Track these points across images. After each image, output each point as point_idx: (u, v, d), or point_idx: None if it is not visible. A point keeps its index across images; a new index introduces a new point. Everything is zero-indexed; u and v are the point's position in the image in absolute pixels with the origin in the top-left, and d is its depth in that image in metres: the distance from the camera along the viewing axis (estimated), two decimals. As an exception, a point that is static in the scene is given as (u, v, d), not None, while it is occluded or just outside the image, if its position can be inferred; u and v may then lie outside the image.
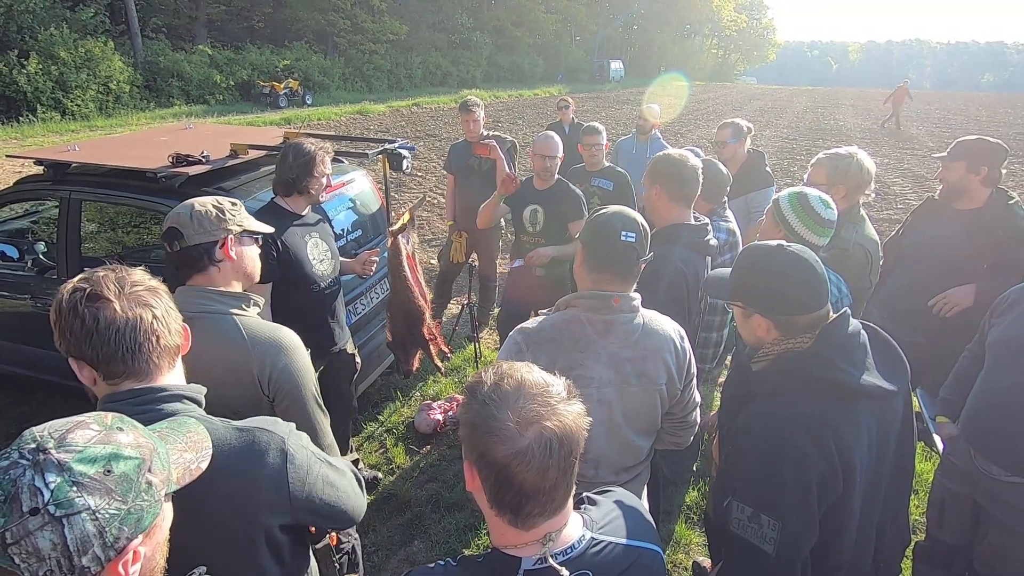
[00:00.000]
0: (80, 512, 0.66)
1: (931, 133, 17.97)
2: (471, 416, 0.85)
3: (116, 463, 0.71)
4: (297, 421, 1.57)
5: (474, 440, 0.84)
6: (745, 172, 3.53)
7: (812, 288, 1.28)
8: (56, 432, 0.71)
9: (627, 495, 1.08)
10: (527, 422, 0.81)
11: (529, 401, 0.82)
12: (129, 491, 0.71)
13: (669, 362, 1.50)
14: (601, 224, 1.49)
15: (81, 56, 16.92)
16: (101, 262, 3.35)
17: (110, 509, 0.68)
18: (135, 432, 0.77)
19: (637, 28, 52.76)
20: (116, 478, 0.70)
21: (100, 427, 0.74)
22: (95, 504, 0.67)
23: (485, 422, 0.82)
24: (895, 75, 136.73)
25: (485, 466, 0.83)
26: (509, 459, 0.80)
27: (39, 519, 0.65)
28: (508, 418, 0.81)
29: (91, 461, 0.69)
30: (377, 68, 27.74)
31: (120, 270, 1.06)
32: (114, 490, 0.69)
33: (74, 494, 0.66)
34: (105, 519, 0.68)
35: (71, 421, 0.73)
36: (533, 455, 0.79)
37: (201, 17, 24.34)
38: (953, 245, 2.51)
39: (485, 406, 0.83)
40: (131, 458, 0.73)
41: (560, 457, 0.81)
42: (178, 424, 0.89)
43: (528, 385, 0.84)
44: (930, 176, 11.11)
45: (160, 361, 1.04)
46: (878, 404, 1.27)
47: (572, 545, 0.89)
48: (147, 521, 0.73)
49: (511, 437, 0.80)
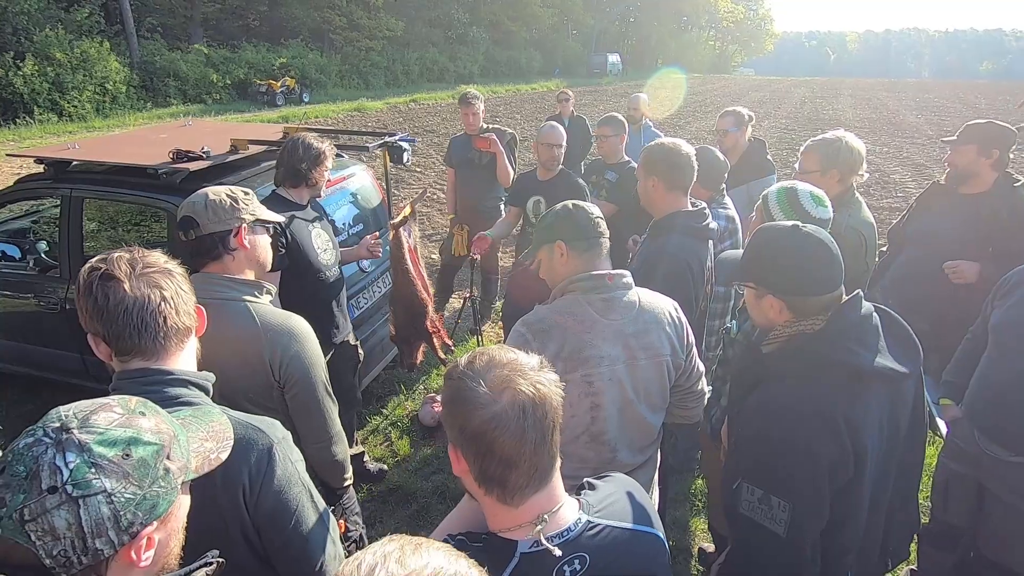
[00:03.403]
0: (97, 494, 0.67)
1: (930, 122, 17.92)
2: (448, 395, 0.88)
3: (135, 447, 0.71)
4: (307, 408, 1.59)
5: (452, 416, 0.87)
6: (747, 160, 3.52)
7: (826, 269, 1.27)
8: (81, 412, 0.71)
9: (627, 480, 1.08)
10: (500, 388, 0.84)
11: (500, 370, 0.86)
12: (146, 476, 0.71)
13: (670, 334, 1.53)
14: (569, 215, 1.55)
15: (77, 57, 16.85)
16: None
17: (126, 493, 0.69)
18: (157, 418, 0.77)
19: (634, 21, 52.57)
20: (134, 462, 0.70)
21: (123, 410, 0.74)
22: (111, 487, 0.68)
23: (460, 395, 0.85)
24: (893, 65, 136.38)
25: (465, 440, 0.85)
26: (486, 424, 0.82)
27: (57, 497, 0.65)
28: (480, 386, 0.84)
29: (111, 444, 0.70)
30: (374, 65, 27.64)
31: (137, 251, 1.08)
32: (131, 474, 0.70)
33: (92, 475, 0.67)
34: (120, 503, 0.68)
35: (96, 403, 0.74)
36: (508, 418, 0.82)
37: (196, 16, 24.24)
38: (959, 230, 2.50)
39: (460, 381, 0.86)
40: (150, 443, 0.73)
41: (536, 419, 0.83)
42: (202, 413, 0.90)
43: (497, 358, 0.88)
44: (929, 164, 11.09)
45: (167, 342, 1.06)
46: (890, 387, 1.27)
47: (568, 528, 0.90)
48: (162, 508, 0.73)
49: (485, 403, 0.83)
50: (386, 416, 3.66)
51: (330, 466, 1.69)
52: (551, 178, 3.23)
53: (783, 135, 14.71)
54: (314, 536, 1.12)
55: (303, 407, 1.57)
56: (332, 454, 1.67)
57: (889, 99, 25.65)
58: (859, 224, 2.30)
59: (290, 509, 1.08)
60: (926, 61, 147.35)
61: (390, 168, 3.44)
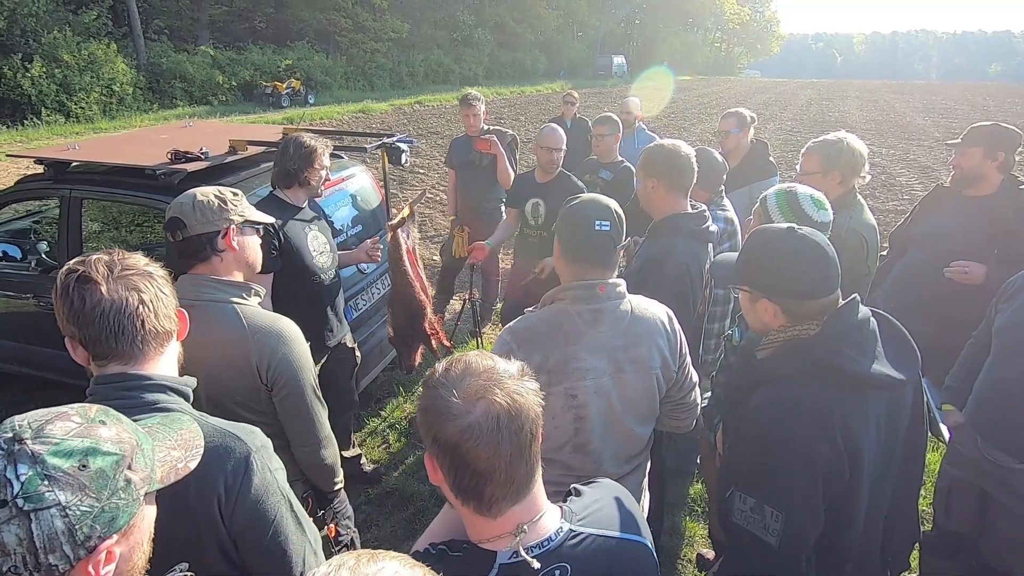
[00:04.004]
0: (50, 507, 0.63)
1: (937, 124, 17.81)
2: (422, 403, 0.86)
3: (93, 458, 0.68)
4: (295, 411, 1.57)
5: (427, 425, 0.84)
6: (749, 162, 3.49)
7: (822, 272, 1.24)
8: (35, 422, 0.68)
9: (614, 486, 1.06)
10: (474, 397, 0.81)
11: (475, 378, 0.83)
12: (104, 488, 0.68)
13: (662, 345, 1.48)
14: (574, 215, 1.46)
15: (84, 59, 16.98)
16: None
17: (82, 506, 0.65)
18: (119, 426, 0.74)
19: (639, 23, 52.51)
20: (91, 474, 0.67)
21: (82, 419, 0.71)
22: (65, 500, 0.64)
23: (434, 404, 0.83)
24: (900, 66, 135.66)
25: (441, 450, 0.83)
26: (459, 435, 0.80)
27: (6, 512, 0.62)
28: (454, 395, 0.81)
29: (67, 455, 0.66)
30: (379, 67, 27.73)
31: (117, 254, 1.06)
32: (88, 486, 0.66)
33: (44, 488, 0.64)
34: (76, 516, 0.65)
35: (53, 412, 0.71)
36: (482, 429, 0.79)
37: (203, 18, 24.39)
38: (964, 232, 2.47)
39: (434, 390, 0.84)
40: (110, 453, 0.70)
41: (511, 431, 0.80)
42: (171, 420, 0.87)
43: (474, 366, 0.85)
44: (936, 166, 11.00)
45: (145, 346, 1.03)
46: (887, 393, 1.24)
47: (548, 537, 0.87)
48: (122, 520, 0.70)
49: (459, 414, 0.80)
50: (384, 418, 3.64)
51: (319, 469, 1.67)
52: (550, 180, 3.21)
53: (788, 137, 14.65)
54: (293, 547, 1.09)
55: (291, 410, 1.56)
56: (321, 457, 1.65)
57: (896, 101, 25.51)
58: (860, 226, 2.27)
59: (268, 519, 1.05)
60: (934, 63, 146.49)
61: (391, 169, 3.43)
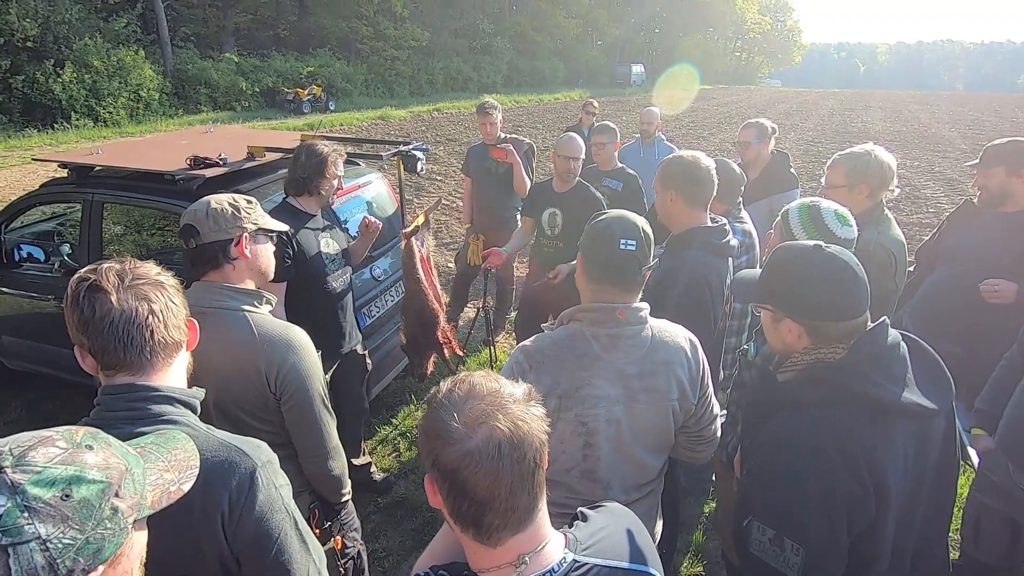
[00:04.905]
0: (29, 541, 0.60)
1: (964, 135, 17.44)
2: (424, 424, 0.83)
3: (77, 487, 0.64)
4: (303, 421, 1.56)
5: (428, 448, 0.81)
6: (769, 174, 3.43)
7: (850, 293, 1.18)
8: (17, 448, 0.65)
9: (624, 511, 1.01)
10: (475, 422, 0.78)
11: (478, 402, 0.80)
12: (89, 518, 0.64)
13: (681, 376, 1.41)
14: (599, 232, 1.40)
15: (114, 65, 17.43)
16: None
17: (64, 539, 0.62)
18: (107, 451, 0.70)
19: (658, 32, 52.43)
20: (75, 504, 0.63)
21: (67, 444, 0.67)
22: (46, 533, 0.61)
23: (434, 426, 0.80)
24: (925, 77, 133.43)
25: (439, 474, 0.80)
26: (458, 461, 0.76)
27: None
28: (455, 420, 0.78)
29: (49, 484, 0.63)
30: (399, 74, 28.03)
31: (128, 262, 1.05)
32: (71, 517, 0.63)
33: (24, 520, 0.60)
34: (57, 550, 0.61)
35: (37, 436, 0.67)
36: (482, 456, 0.76)
37: (229, 26, 24.91)
38: (993, 249, 2.38)
39: (436, 411, 0.81)
40: (95, 481, 0.66)
41: (513, 460, 0.77)
42: (165, 439, 0.83)
43: (478, 389, 0.82)
44: (962, 178, 10.76)
45: (153, 357, 1.02)
46: (917, 423, 1.17)
47: (551, 569, 0.83)
48: (108, 551, 0.66)
49: (459, 439, 0.77)
50: (395, 426, 3.62)
51: (326, 480, 1.65)
52: (568, 190, 3.18)
53: (809, 148, 14.45)
54: (297, 566, 1.06)
55: (299, 420, 1.54)
56: (328, 468, 1.63)
57: (921, 112, 25.05)
58: (888, 242, 2.20)
59: (272, 537, 1.03)
60: (960, 73, 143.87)
61: (407, 176, 3.43)
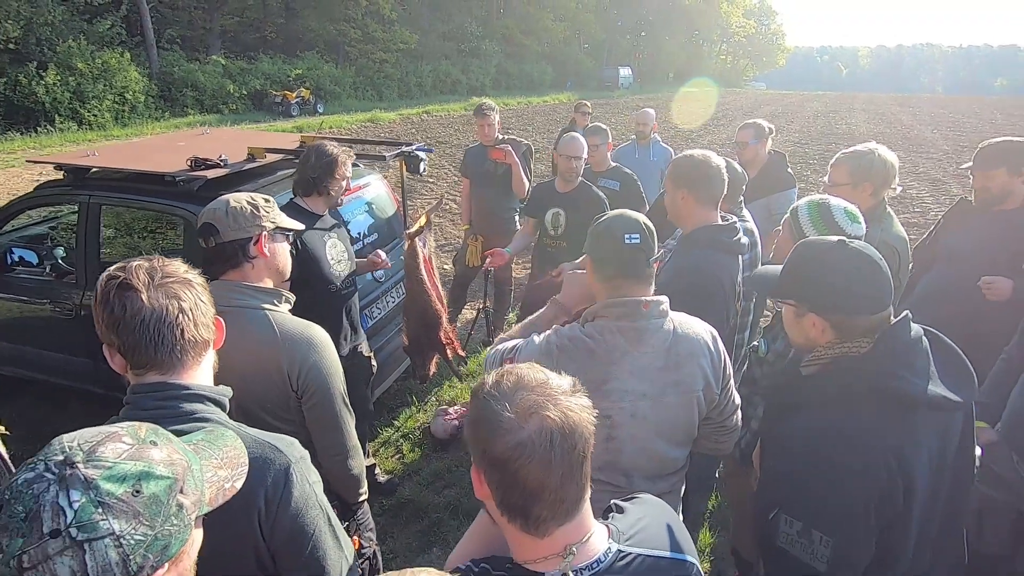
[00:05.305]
0: (104, 537, 0.60)
1: (945, 137, 17.76)
2: (473, 415, 0.84)
3: (146, 483, 0.65)
4: (324, 420, 1.55)
5: (476, 439, 0.82)
6: (767, 173, 3.47)
7: (877, 288, 1.19)
8: (86, 444, 0.65)
9: (658, 503, 1.03)
10: (527, 413, 0.79)
11: (528, 393, 0.81)
12: (158, 515, 0.64)
13: (705, 367, 1.43)
14: (602, 232, 1.43)
15: (98, 67, 17.19)
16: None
17: (136, 535, 0.62)
18: (169, 447, 0.71)
19: (645, 35, 52.77)
20: (145, 500, 0.64)
21: (133, 440, 0.68)
22: (120, 529, 0.61)
23: (485, 418, 0.81)
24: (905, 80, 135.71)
25: (489, 465, 0.80)
26: (510, 452, 0.77)
27: (59, 542, 0.59)
28: (507, 410, 0.79)
29: (120, 479, 0.63)
30: (388, 77, 27.94)
31: (156, 260, 1.04)
32: (142, 513, 0.63)
33: (99, 516, 0.60)
34: (130, 546, 0.61)
35: (103, 432, 0.67)
36: (535, 446, 0.77)
37: (215, 28, 24.68)
38: (990, 247, 2.42)
39: (485, 402, 0.82)
40: (163, 477, 0.66)
41: (564, 450, 0.78)
42: (214, 436, 0.83)
43: (527, 380, 0.83)
44: (946, 179, 10.96)
45: (184, 355, 1.02)
46: (939, 416, 1.19)
47: (598, 559, 0.84)
48: (174, 548, 0.66)
49: (510, 429, 0.78)
50: (398, 428, 3.61)
51: (346, 480, 1.64)
52: (571, 190, 3.19)
53: (796, 149, 14.63)
54: (331, 562, 1.06)
55: (320, 419, 1.54)
56: (348, 467, 1.62)
57: (903, 114, 25.48)
58: (892, 239, 2.24)
59: (307, 533, 1.03)
60: (939, 76, 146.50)
61: (409, 177, 3.43)
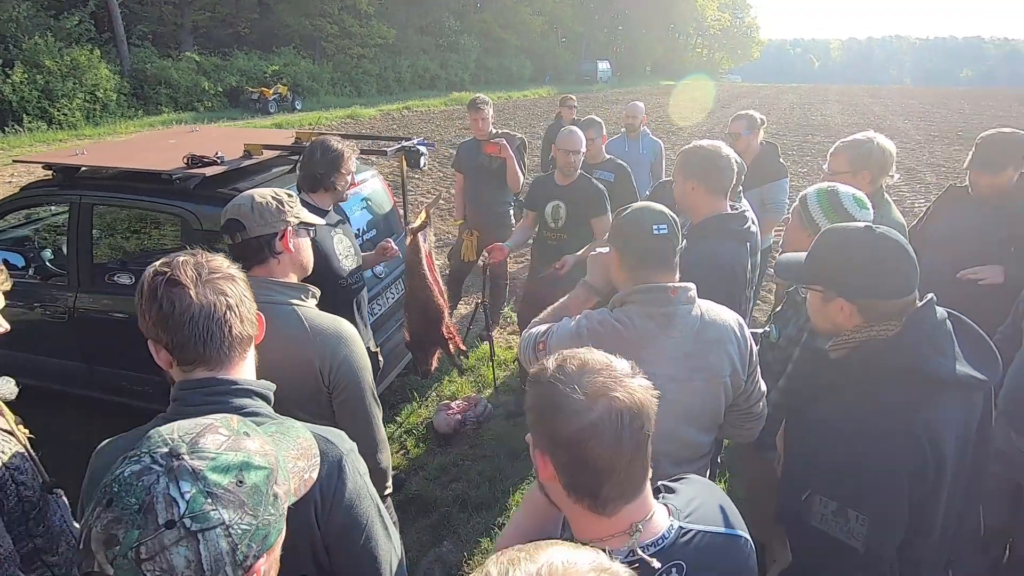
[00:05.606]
0: (215, 527, 0.61)
1: (917, 127, 18.20)
2: (537, 400, 0.85)
3: (247, 473, 0.66)
4: (354, 414, 1.55)
5: (543, 423, 0.83)
6: (759, 164, 3.53)
7: (904, 272, 1.23)
8: (187, 435, 0.66)
9: (705, 482, 1.05)
10: (596, 394, 0.80)
11: (595, 375, 0.82)
12: (260, 504, 0.65)
13: (732, 353, 1.45)
14: (630, 224, 1.46)
15: (67, 65, 16.70)
16: (111, 268, 3.30)
17: (242, 524, 0.63)
18: (260, 438, 0.71)
19: (622, 29, 53.00)
20: (248, 489, 0.65)
21: (228, 432, 0.68)
22: (228, 518, 0.62)
23: (552, 401, 0.82)
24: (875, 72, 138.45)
25: (557, 448, 0.82)
26: (581, 433, 0.79)
27: (175, 533, 0.59)
28: (576, 392, 0.80)
29: (224, 470, 0.64)
30: (366, 72, 27.65)
31: (201, 255, 1.03)
32: (246, 503, 0.64)
33: (209, 506, 0.61)
34: (237, 535, 0.62)
35: (199, 424, 0.68)
36: (605, 427, 0.79)
37: (187, 24, 24.11)
38: (980, 233, 2.48)
39: (551, 386, 0.83)
40: (261, 467, 0.67)
41: (633, 429, 0.80)
42: (286, 428, 0.83)
43: (591, 362, 0.85)
44: (920, 168, 11.25)
45: (231, 351, 1.02)
46: (964, 395, 1.22)
47: (662, 535, 0.87)
48: (273, 538, 0.67)
49: (580, 411, 0.80)
50: (400, 424, 3.61)
51: (376, 473, 1.61)
52: (570, 183, 3.21)
53: (774, 140, 14.81)
54: (383, 552, 1.06)
55: (352, 412, 1.53)
56: (377, 461, 1.62)
57: (875, 105, 26.05)
58: (892, 224, 2.29)
59: (361, 524, 1.03)
60: (907, 68, 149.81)
61: (409, 172, 3.42)
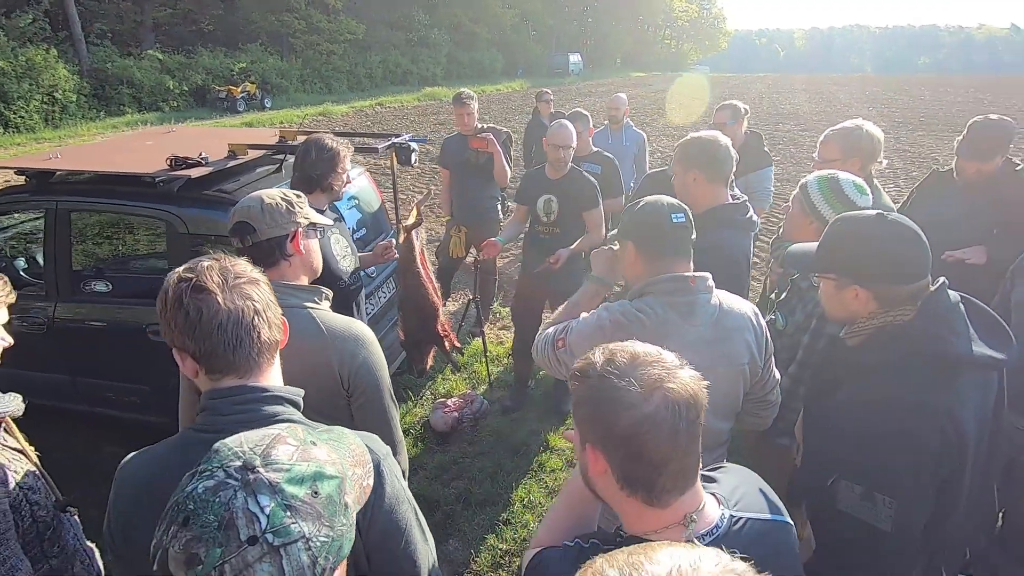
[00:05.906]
0: (296, 540, 0.60)
1: (881, 114, 18.68)
2: (589, 394, 0.84)
3: (321, 483, 0.64)
4: (373, 416, 1.53)
5: (596, 417, 0.82)
6: (743, 153, 3.55)
7: (918, 257, 1.24)
8: (258, 447, 0.64)
9: (743, 469, 1.06)
10: (651, 387, 0.80)
11: (648, 368, 0.82)
12: (335, 515, 0.64)
13: (750, 341, 1.48)
14: (647, 214, 1.47)
15: (22, 65, 16.02)
16: (91, 276, 3.19)
17: (320, 536, 0.62)
18: (327, 447, 0.69)
19: (592, 21, 53.17)
20: (323, 500, 0.63)
21: (296, 441, 0.66)
22: (308, 531, 0.61)
23: (606, 394, 0.81)
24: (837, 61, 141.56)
25: (612, 441, 0.81)
26: (637, 426, 0.79)
27: (258, 549, 0.58)
28: (631, 384, 0.80)
29: (299, 482, 0.62)
30: (336, 68, 27.19)
31: (224, 260, 1.00)
32: (323, 514, 0.63)
33: (289, 520, 0.60)
34: (317, 548, 0.61)
35: (267, 435, 0.66)
36: (662, 418, 0.79)
37: (147, 21, 23.36)
38: (965, 217, 2.54)
39: (603, 379, 0.82)
40: (333, 477, 0.66)
41: (688, 420, 0.80)
42: (339, 435, 0.81)
43: (642, 355, 0.84)
44: (889, 154, 11.53)
45: (260, 358, 0.98)
46: (982, 376, 1.24)
47: (716, 525, 0.87)
48: (346, 548, 0.65)
49: (636, 403, 0.79)
50: (396, 423, 3.57)
51: (394, 475, 1.62)
52: (561, 177, 3.21)
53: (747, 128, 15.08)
54: (421, 556, 1.04)
55: (370, 415, 1.51)
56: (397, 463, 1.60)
57: (839, 92, 26.70)
58: (883, 209, 2.35)
59: (400, 528, 1.01)
60: (868, 57, 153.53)
61: (399, 168, 3.37)
